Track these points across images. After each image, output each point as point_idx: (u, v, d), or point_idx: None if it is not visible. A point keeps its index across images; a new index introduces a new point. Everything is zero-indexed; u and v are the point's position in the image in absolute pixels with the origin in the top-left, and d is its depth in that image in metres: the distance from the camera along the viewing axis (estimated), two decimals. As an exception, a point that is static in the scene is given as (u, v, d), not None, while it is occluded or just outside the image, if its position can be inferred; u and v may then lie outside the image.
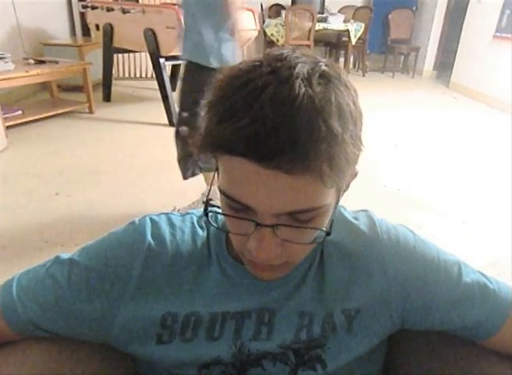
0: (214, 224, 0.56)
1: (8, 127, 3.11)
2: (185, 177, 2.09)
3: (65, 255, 0.57)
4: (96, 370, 0.59)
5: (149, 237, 0.57)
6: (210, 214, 0.58)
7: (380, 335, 0.58)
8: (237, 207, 0.45)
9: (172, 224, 0.60)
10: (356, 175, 0.53)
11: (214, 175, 0.50)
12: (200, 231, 0.60)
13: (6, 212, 2.23)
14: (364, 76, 6.42)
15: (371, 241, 0.58)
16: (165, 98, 3.65)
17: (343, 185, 0.50)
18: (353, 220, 0.60)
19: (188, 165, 2.06)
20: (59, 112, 3.71)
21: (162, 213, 0.61)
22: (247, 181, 0.43)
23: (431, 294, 0.57)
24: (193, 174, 2.09)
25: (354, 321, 0.56)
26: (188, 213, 0.63)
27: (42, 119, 3.56)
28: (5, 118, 3.07)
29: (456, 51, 5.85)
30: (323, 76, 0.43)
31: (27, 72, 3.21)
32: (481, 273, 0.60)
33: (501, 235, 2.21)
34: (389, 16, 6.48)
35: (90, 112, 3.90)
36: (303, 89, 0.40)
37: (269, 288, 0.57)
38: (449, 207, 2.52)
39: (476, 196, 2.71)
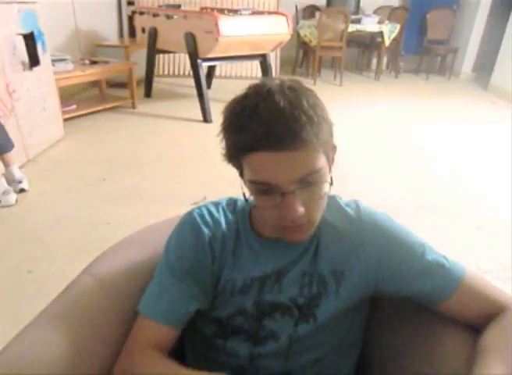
0: (249, 204, 0.75)
1: (65, 120, 3.52)
2: None
3: (161, 268, 0.76)
4: None
5: (204, 228, 0.76)
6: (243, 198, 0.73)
7: (358, 296, 0.75)
8: (263, 188, 0.64)
9: (211, 213, 0.79)
10: (335, 148, 0.71)
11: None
12: (229, 215, 0.79)
13: (62, 194, 2.61)
14: (396, 77, 6.45)
15: (356, 222, 0.75)
16: (201, 96, 3.94)
17: (330, 155, 0.67)
18: (344, 206, 0.78)
19: None
20: (107, 106, 4.10)
21: (200, 206, 0.80)
22: (266, 166, 0.61)
23: (398, 266, 0.72)
24: None
25: (340, 281, 0.73)
26: (218, 203, 0.82)
27: (92, 112, 3.96)
28: (63, 111, 3.50)
29: (497, 52, 5.63)
30: (290, 87, 0.63)
31: (83, 71, 3.64)
32: (443, 256, 0.74)
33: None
34: (427, 16, 6.38)
35: (133, 107, 4.27)
36: (281, 97, 0.60)
37: (282, 256, 0.75)
38: (464, 212, 2.57)
39: (492, 202, 2.74)
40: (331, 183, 0.66)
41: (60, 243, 2.09)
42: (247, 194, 0.68)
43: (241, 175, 0.69)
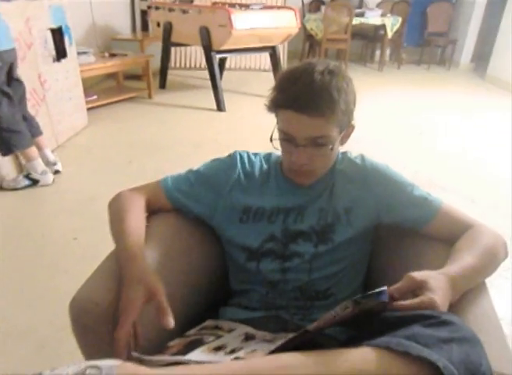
0: (277, 148, 0.93)
1: (87, 109, 3.74)
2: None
3: (195, 168, 1.03)
4: (202, 235, 1.04)
5: (238, 164, 1.01)
6: (274, 142, 0.93)
7: (364, 224, 0.95)
8: (286, 137, 0.88)
9: (249, 158, 1.03)
10: (353, 128, 0.94)
11: None
12: (264, 162, 1.03)
13: (93, 175, 2.84)
14: (399, 68, 6.66)
15: (361, 169, 0.97)
16: (215, 86, 4.14)
17: (343, 129, 0.89)
18: (353, 158, 1.00)
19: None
20: (125, 97, 4.32)
21: (245, 151, 1.05)
22: (290, 121, 0.85)
23: (393, 200, 0.94)
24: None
25: (350, 214, 0.94)
26: (257, 153, 1.05)
27: (111, 103, 4.18)
28: (86, 101, 3.71)
29: (494, 43, 5.90)
30: (330, 71, 0.85)
31: (105, 63, 3.88)
32: (427, 193, 0.96)
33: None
34: (427, 10, 6.62)
35: (150, 97, 4.48)
36: (318, 77, 0.83)
37: (303, 194, 0.96)
38: (461, 188, 2.84)
39: (485, 177, 3.03)
40: (331, 149, 0.88)
41: (97, 215, 2.30)
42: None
43: (277, 123, 0.91)
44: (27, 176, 2.60)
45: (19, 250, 2.06)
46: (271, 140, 0.92)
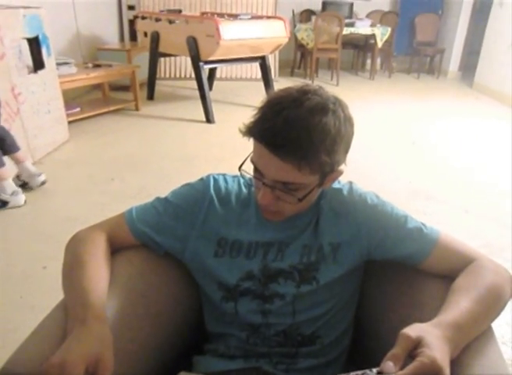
0: (247, 176, 0.86)
1: (69, 122, 3.59)
2: None
3: (162, 196, 0.91)
4: (171, 273, 0.92)
5: (211, 189, 0.88)
6: (243, 173, 0.86)
7: (353, 263, 0.85)
8: (255, 170, 0.77)
9: (226, 181, 0.91)
10: (341, 173, 0.80)
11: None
12: (243, 188, 0.91)
13: (71, 194, 2.69)
14: (390, 77, 6.69)
15: (349, 201, 0.86)
16: (203, 97, 4.05)
17: (326, 176, 0.76)
18: (339, 188, 0.88)
19: None
20: (111, 109, 4.19)
21: (220, 174, 0.93)
22: (262, 157, 0.73)
23: (385, 234, 0.83)
24: None
25: (337, 252, 0.84)
26: (237, 176, 0.92)
27: (96, 115, 4.04)
28: (67, 114, 3.57)
29: (479, 52, 6.03)
30: (323, 109, 0.71)
31: (87, 74, 3.74)
32: (422, 223, 0.85)
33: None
34: (416, 20, 6.72)
35: (137, 109, 4.35)
36: (305, 115, 0.69)
37: (285, 228, 0.85)
38: (454, 198, 2.80)
39: (478, 186, 2.99)
40: (299, 200, 0.76)
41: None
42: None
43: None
44: None
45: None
46: (239, 169, 0.82)
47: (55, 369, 0.58)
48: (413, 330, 0.61)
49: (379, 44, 5.99)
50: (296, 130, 0.69)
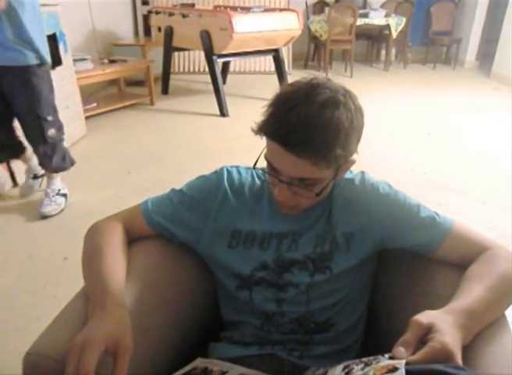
0: (260, 175, 0.88)
1: (86, 117, 3.66)
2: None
3: (177, 188, 0.93)
4: (186, 263, 0.95)
5: (225, 181, 0.90)
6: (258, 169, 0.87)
7: (366, 252, 0.86)
8: (270, 168, 0.77)
9: (239, 173, 0.92)
10: (353, 162, 0.81)
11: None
12: (256, 180, 0.91)
13: (89, 187, 2.75)
14: (405, 68, 6.58)
15: (361, 191, 0.86)
16: (217, 91, 4.06)
17: (340, 167, 0.77)
18: (351, 178, 0.88)
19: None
20: (126, 104, 4.24)
21: (234, 166, 0.94)
22: (276, 155, 0.73)
23: (398, 224, 0.84)
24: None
25: (350, 241, 0.84)
26: (250, 168, 0.92)
27: (112, 110, 4.09)
28: (84, 110, 3.63)
29: (498, 41, 5.88)
30: (335, 103, 0.70)
31: (103, 70, 3.79)
32: (435, 212, 0.85)
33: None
34: (431, 9, 6.58)
35: (151, 103, 4.39)
36: (316, 110, 0.69)
37: (299, 219, 0.86)
38: (471, 189, 2.77)
39: (495, 178, 2.95)
40: (317, 194, 0.77)
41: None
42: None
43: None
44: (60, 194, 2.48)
45: (1, 272, 1.94)
46: (254, 167, 0.84)
47: (78, 346, 0.61)
48: (424, 317, 0.62)
49: (394, 34, 5.89)
50: (311, 128, 0.69)
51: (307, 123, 0.69)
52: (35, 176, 2.60)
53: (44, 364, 0.65)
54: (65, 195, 2.49)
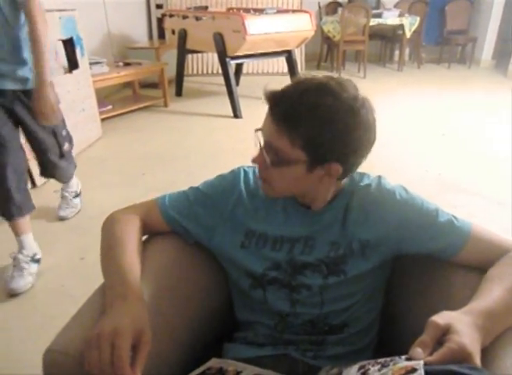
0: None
1: (102, 120, 3.71)
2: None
3: (195, 185, 0.94)
4: (201, 263, 0.96)
5: (241, 182, 0.91)
6: None
7: (382, 257, 0.85)
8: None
9: (255, 174, 0.92)
10: (337, 171, 0.78)
11: None
12: None
13: (105, 188, 2.79)
14: (419, 68, 6.52)
15: (378, 197, 0.85)
16: (230, 93, 4.08)
17: (316, 162, 0.77)
18: (367, 184, 0.87)
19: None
20: (140, 106, 4.29)
21: (251, 166, 0.93)
22: (265, 118, 0.79)
23: (416, 230, 0.82)
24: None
25: (366, 248, 0.84)
26: None
27: (127, 112, 4.14)
28: (100, 112, 3.69)
29: None
30: (328, 90, 0.74)
31: (119, 73, 3.85)
32: (453, 216, 0.84)
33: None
34: (446, 8, 6.52)
35: (165, 105, 4.43)
36: (310, 93, 0.74)
37: (312, 222, 0.86)
38: (486, 190, 2.73)
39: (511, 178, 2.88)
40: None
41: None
42: None
43: None
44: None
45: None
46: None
47: (107, 336, 0.62)
48: (441, 318, 0.62)
49: (408, 34, 5.84)
50: (298, 107, 0.74)
51: (295, 102, 0.74)
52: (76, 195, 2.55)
53: (63, 361, 0.67)
54: (79, 195, 2.52)
